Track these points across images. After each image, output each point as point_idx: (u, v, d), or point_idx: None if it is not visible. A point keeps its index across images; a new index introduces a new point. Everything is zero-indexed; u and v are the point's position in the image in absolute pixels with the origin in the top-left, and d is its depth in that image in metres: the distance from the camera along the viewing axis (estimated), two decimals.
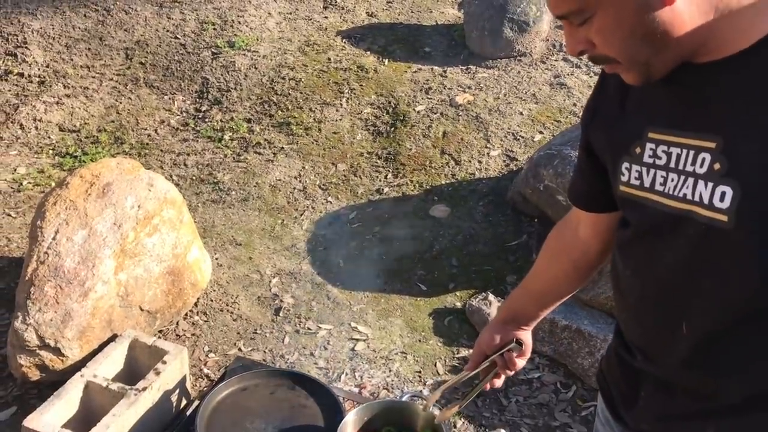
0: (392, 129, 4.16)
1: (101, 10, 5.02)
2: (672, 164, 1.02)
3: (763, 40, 0.92)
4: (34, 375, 2.47)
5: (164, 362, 2.41)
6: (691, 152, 0.99)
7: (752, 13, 0.93)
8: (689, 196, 0.99)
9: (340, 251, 3.46)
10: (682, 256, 1.02)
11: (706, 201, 0.97)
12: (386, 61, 4.71)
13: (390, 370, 2.84)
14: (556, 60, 4.73)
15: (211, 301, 3.08)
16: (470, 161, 3.92)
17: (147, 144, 4.12)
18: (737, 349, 1.00)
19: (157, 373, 2.37)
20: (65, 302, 2.47)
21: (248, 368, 2.32)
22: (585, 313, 2.90)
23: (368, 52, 4.79)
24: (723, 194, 0.95)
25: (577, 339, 2.82)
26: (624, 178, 1.11)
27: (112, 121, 4.27)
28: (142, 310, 2.71)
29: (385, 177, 3.91)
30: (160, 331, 2.87)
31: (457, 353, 2.96)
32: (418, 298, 3.24)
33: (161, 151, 4.06)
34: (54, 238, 2.56)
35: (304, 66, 4.62)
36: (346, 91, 4.44)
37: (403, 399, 2.06)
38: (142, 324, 2.72)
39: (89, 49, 4.72)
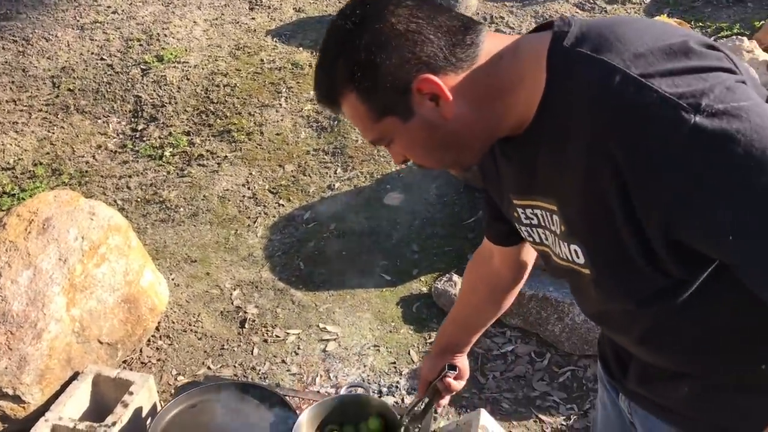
0: (336, 123, 4.11)
1: (20, 41, 4.85)
2: (543, 223, 1.09)
3: (539, 109, 0.95)
4: None
5: (131, 393, 2.34)
6: (547, 213, 1.05)
7: (528, 86, 0.96)
8: (561, 255, 1.08)
9: (299, 253, 3.41)
10: (590, 293, 1.09)
11: (570, 258, 1.05)
12: None
13: (365, 366, 2.80)
14: None
15: (173, 323, 3.00)
16: None
17: (86, 171, 4.00)
18: (668, 338, 1.06)
19: (125, 406, 2.29)
20: (18, 347, 2.37)
21: (197, 385, 2.29)
22: (549, 280, 2.91)
23: (301, 48, 4.72)
24: (576, 252, 1.02)
25: (545, 307, 2.82)
26: (524, 236, 1.19)
27: (47, 153, 4.13)
28: (101, 343, 2.62)
29: (335, 172, 3.86)
30: (124, 362, 2.79)
31: (429, 338, 2.94)
32: (384, 289, 3.20)
33: (102, 176, 3.94)
34: None
35: (237, 71, 4.52)
36: (284, 90, 4.37)
37: (353, 392, 2.09)
38: (104, 357, 2.63)
39: (13, 82, 4.56)
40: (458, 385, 1.60)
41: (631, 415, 1.25)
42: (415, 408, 1.75)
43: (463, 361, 1.61)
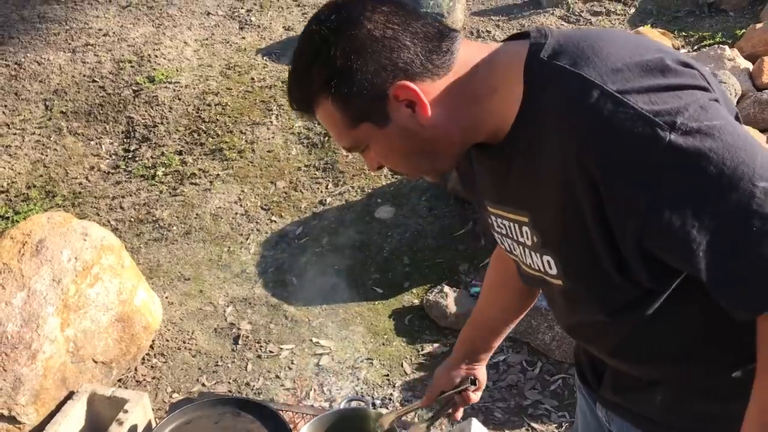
0: (326, 138, 4.15)
1: (12, 65, 4.89)
2: (511, 234, 1.10)
3: (516, 121, 0.95)
4: None
5: (126, 411, 2.35)
6: (515, 225, 1.07)
7: (504, 96, 0.96)
8: (533, 265, 1.08)
9: (291, 269, 3.44)
10: (560, 303, 1.12)
11: (542, 269, 1.06)
12: None
13: (358, 379, 2.83)
14: None
15: (167, 341, 3.03)
16: None
17: (80, 193, 4.03)
18: (640, 348, 1.08)
19: (120, 424, 2.31)
20: (13, 368, 2.40)
21: (191, 401, 2.29)
22: None
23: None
24: (549, 263, 1.04)
25: (534, 316, 2.85)
26: (498, 243, 1.21)
27: (41, 176, 4.17)
28: (95, 362, 2.64)
29: (326, 187, 3.90)
30: (119, 380, 2.81)
31: (422, 350, 2.96)
32: (376, 302, 3.23)
33: (95, 197, 3.98)
34: None
35: (228, 89, 4.57)
36: (275, 108, 4.42)
37: (353, 405, 2.08)
38: (99, 376, 2.65)
39: (5, 105, 4.60)
40: (476, 397, 1.56)
41: (609, 423, 1.26)
42: (417, 415, 1.70)
43: (482, 372, 1.56)
